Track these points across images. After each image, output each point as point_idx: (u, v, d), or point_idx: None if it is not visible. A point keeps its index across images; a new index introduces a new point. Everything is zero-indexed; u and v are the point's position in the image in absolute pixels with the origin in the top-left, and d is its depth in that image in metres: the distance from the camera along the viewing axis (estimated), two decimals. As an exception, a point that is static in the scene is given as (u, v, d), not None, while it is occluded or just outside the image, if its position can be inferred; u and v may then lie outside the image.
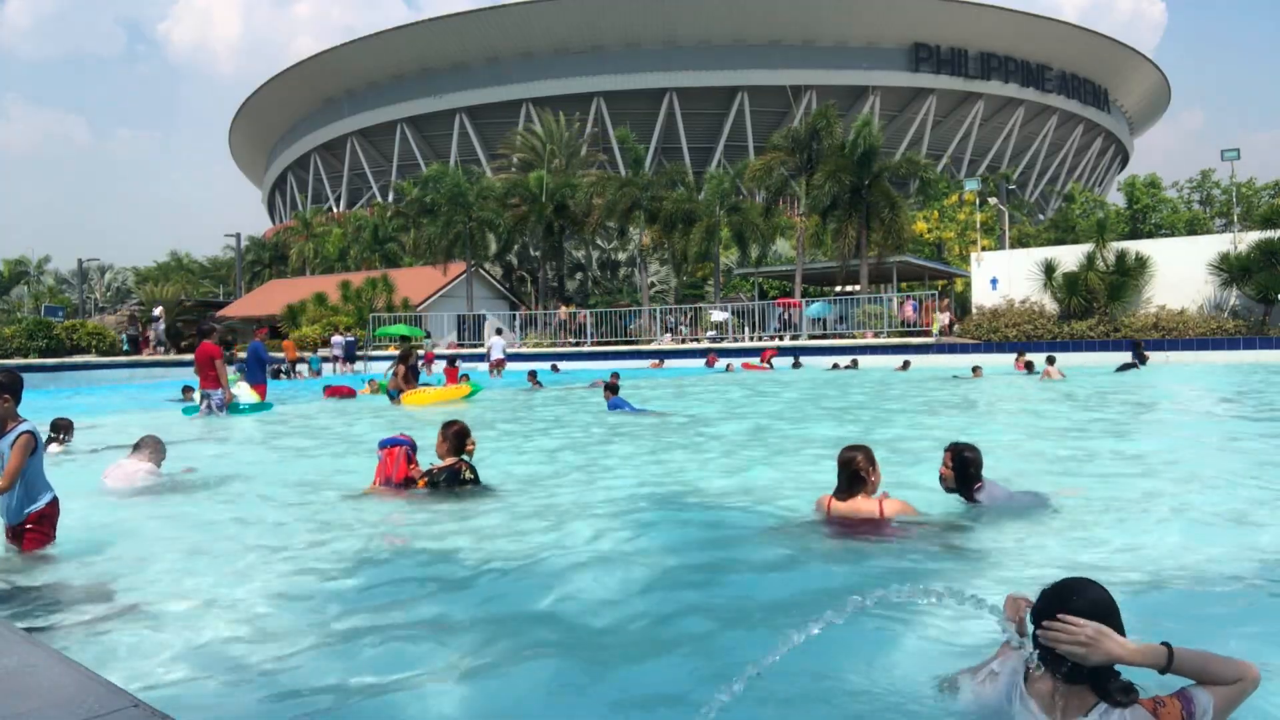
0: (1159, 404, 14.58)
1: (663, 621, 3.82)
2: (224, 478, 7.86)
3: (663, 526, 5.64)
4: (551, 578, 4.45)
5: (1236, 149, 31.18)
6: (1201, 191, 59.85)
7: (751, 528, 5.53)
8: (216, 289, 67.21)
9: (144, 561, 4.91)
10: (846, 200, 31.90)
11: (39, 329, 30.50)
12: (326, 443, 10.86)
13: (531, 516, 5.94)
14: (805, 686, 2.99)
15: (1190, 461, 7.93)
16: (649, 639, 3.61)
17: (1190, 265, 26.72)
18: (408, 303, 40.72)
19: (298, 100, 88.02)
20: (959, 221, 47.66)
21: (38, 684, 2.39)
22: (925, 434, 9.99)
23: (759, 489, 6.95)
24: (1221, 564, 4.43)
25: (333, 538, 5.44)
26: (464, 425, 6.66)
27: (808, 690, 2.99)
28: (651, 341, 33.20)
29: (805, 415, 13.26)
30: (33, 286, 71.67)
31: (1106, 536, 5.02)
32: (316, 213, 71.63)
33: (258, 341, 16.43)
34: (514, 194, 40.32)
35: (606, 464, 8.64)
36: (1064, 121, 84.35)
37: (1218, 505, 5.82)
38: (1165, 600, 3.92)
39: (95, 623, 3.84)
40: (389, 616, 3.88)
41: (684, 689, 3.06)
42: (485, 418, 13.15)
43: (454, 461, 6.49)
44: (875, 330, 30.19)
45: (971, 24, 75.15)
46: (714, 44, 73.75)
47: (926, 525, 5.12)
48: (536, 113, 59.24)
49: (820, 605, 2.67)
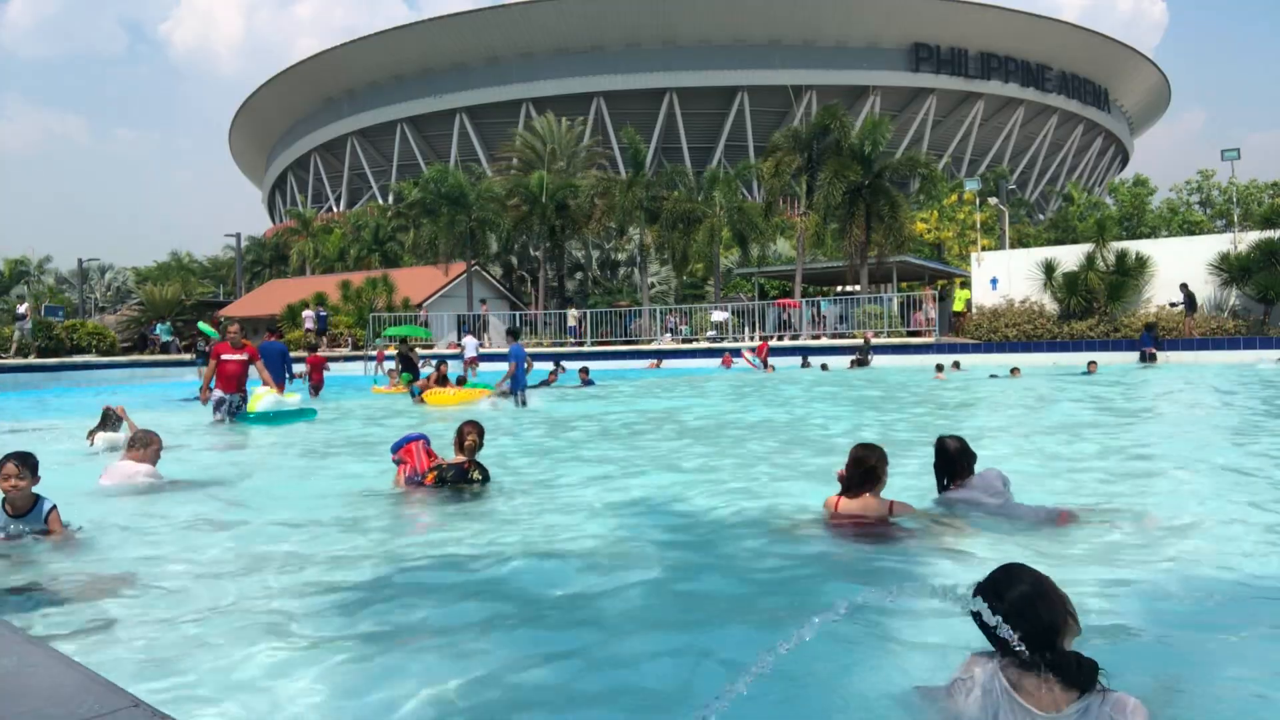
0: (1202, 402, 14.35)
1: (665, 621, 3.82)
2: (225, 477, 7.85)
3: (669, 525, 5.63)
4: (552, 578, 4.45)
5: (1236, 149, 31.22)
6: (1201, 193, 59.83)
7: (760, 526, 5.52)
8: (216, 289, 67.17)
9: (144, 561, 4.90)
10: (846, 199, 31.88)
11: (39, 329, 30.50)
12: (333, 442, 10.84)
13: (533, 516, 5.94)
14: (806, 687, 2.99)
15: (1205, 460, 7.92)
16: (650, 638, 3.61)
17: (1190, 265, 26.72)
18: (408, 302, 40.72)
19: (298, 100, 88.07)
20: (959, 221, 47.67)
21: (38, 684, 2.38)
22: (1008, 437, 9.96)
23: (769, 487, 6.94)
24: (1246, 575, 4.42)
25: (334, 537, 5.44)
26: (468, 423, 6.69)
27: (807, 690, 2.98)
28: (651, 341, 33.21)
29: (837, 414, 13.26)
30: (33, 286, 71.66)
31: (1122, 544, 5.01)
32: (315, 214, 71.66)
33: (279, 342, 16.42)
34: (514, 194, 40.34)
35: (612, 463, 8.63)
36: (1064, 121, 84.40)
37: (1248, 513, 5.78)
38: (1167, 603, 3.91)
39: (95, 623, 3.84)
40: (390, 616, 3.88)
41: (686, 689, 3.06)
42: (491, 416, 13.14)
43: (462, 460, 6.53)
44: (875, 330, 30.19)
45: (971, 24, 75.19)
46: (714, 44, 73.78)
47: (934, 526, 5.11)
48: (536, 113, 59.29)
49: (823, 605, 2.66)
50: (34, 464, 5.10)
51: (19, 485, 4.95)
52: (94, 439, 9.79)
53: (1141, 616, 3.65)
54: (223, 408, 12.48)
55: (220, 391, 12.52)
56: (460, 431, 6.62)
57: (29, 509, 5.06)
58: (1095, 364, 20.77)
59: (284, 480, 8.04)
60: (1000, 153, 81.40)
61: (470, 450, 6.56)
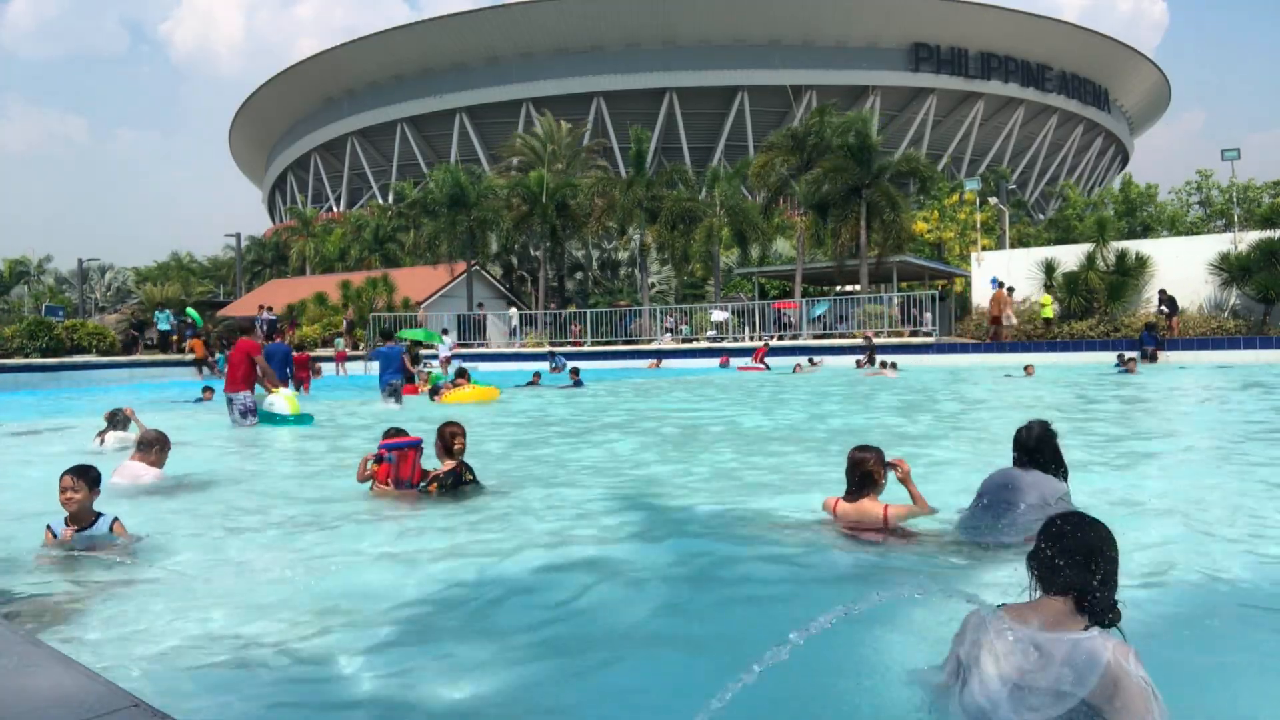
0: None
1: (663, 621, 3.82)
2: (229, 478, 7.85)
3: (665, 525, 5.63)
4: (551, 578, 4.45)
5: (1236, 149, 31.26)
6: (1201, 193, 59.76)
7: (758, 526, 5.52)
8: (216, 289, 67.17)
9: (144, 561, 4.91)
10: (842, 198, 31.84)
11: (39, 329, 30.45)
12: (338, 443, 10.83)
13: (532, 516, 5.94)
14: (805, 688, 2.99)
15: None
16: (648, 639, 3.61)
17: (1190, 265, 26.72)
18: (408, 302, 40.70)
19: (298, 100, 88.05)
20: (959, 221, 47.64)
21: (38, 684, 2.39)
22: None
23: (769, 486, 6.94)
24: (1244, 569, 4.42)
25: (337, 538, 5.44)
26: (454, 427, 6.66)
27: (807, 691, 2.98)
28: (651, 341, 33.20)
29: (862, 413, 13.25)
30: (33, 286, 71.66)
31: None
32: (316, 214, 71.63)
33: (282, 344, 16.44)
34: (515, 194, 40.33)
35: (611, 462, 8.63)
36: (1064, 121, 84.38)
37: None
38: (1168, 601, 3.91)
39: (95, 623, 3.84)
40: (392, 617, 3.88)
41: (684, 689, 3.06)
42: (490, 417, 13.15)
43: (454, 464, 6.51)
44: (876, 330, 30.19)
45: (971, 24, 75.17)
46: (714, 44, 73.76)
47: (934, 527, 5.10)
48: (536, 112, 59.27)
49: (822, 607, 2.67)
50: (93, 477, 5.14)
51: (74, 498, 5.03)
52: (103, 439, 9.80)
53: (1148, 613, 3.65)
54: (234, 407, 12.24)
55: (246, 394, 12.26)
56: (450, 435, 6.57)
57: (90, 522, 5.13)
58: (1032, 367, 20.33)
59: (289, 482, 8.04)
60: (1000, 153, 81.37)
61: (460, 454, 6.56)
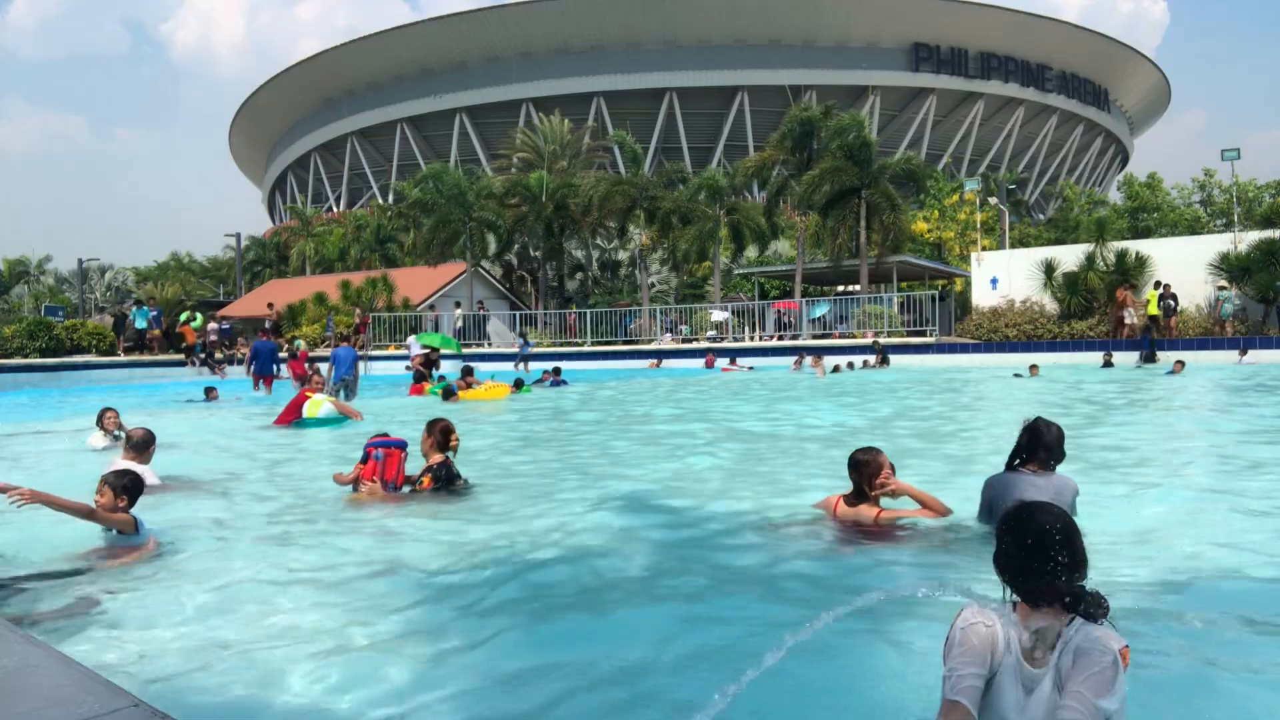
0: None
1: (663, 621, 3.82)
2: (224, 478, 7.85)
3: (665, 525, 5.63)
4: (550, 578, 4.46)
5: (1237, 149, 31.25)
6: (1204, 191, 59.71)
7: (754, 525, 5.52)
8: (216, 289, 67.15)
9: (145, 561, 4.91)
10: (838, 198, 31.82)
11: (39, 329, 30.44)
12: (335, 442, 10.83)
13: (530, 516, 5.94)
14: (803, 688, 2.99)
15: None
16: (647, 638, 3.61)
17: (1190, 265, 26.72)
18: (408, 302, 40.69)
19: (298, 100, 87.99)
20: (959, 221, 47.65)
21: (38, 684, 2.39)
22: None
23: (765, 487, 6.94)
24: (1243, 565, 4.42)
25: (332, 538, 5.44)
26: (449, 423, 6.68)
27: (807, 691, 2.98)
28: (651, 341, 33.21)
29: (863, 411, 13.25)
30: (33, 286, 71.64)
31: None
32: (316, 213, 71.63)
33: (270, 341, 16.61)
34: (514, 194, 40.33)
35: (607, 462, 8.63)
36: (1064, 121, 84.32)
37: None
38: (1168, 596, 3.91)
39: (95, 623, 3.84)
40: (390, 616, 3.88)
41: (684, 688, 3.06)
42: (487, 415, 13.16)
43: (444, 458, 6.53)
44: (875, 330, 30.20)
45: (971, 24, 75.12)
46: (714, 44, 73.71)
47: (933, 528, 5.11)
48: (536, 112, 59.27)
49: (819, 606, 2.67)
50: (127, 485, 5.14)
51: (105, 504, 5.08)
52: (93, 439, 9.91)
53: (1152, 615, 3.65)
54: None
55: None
56: (445, 430, 6.59)
57: (132, 529, 5.16)
58: (1036, 367, 20.39)
59: (282, 480, 8.04)
60: (1000, 153, 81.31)
61: (455, 450, 6.61)
